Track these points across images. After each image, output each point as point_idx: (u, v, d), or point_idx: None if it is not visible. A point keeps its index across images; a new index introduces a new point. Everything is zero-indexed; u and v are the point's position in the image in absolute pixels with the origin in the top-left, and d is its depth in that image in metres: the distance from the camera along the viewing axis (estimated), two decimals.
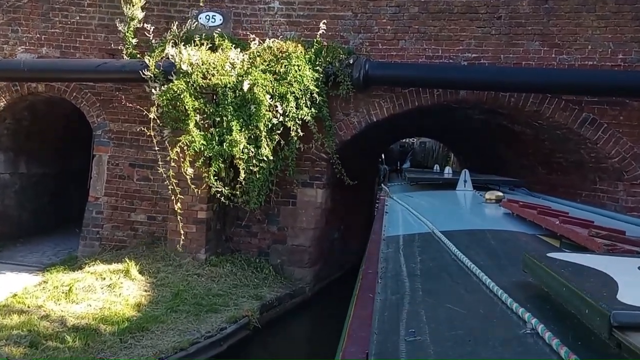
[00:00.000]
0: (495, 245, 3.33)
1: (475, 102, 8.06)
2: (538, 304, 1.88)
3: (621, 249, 2.77)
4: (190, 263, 7.49)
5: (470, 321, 1.91)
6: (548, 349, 1.49)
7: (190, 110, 7.32)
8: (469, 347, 1.67)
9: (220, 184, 7.44)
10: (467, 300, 2.16)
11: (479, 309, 2.02)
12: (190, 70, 7.43)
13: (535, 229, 3.74)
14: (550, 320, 1.66)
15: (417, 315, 2.03)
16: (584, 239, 2.99)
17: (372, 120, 8.18)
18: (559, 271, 1.86)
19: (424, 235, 3.73)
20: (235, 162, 7.41)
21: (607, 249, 2.73)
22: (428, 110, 8.77)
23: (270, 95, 7.44)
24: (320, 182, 8.34)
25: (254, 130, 7.39)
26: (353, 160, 9.97)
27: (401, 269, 2.85)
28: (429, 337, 1.76)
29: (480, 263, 2.57)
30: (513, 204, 4.61)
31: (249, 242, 8.37)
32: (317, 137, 7.81)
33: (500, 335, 1.71)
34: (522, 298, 1.95)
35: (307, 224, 8.27)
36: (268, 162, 7.56)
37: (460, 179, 6.96)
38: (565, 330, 1.59)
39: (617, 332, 1.35)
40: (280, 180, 8.17)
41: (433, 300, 2.24)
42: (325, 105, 7.87)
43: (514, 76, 7.55)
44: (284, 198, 8.31)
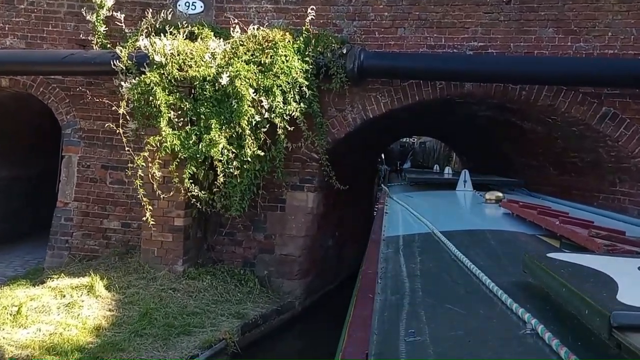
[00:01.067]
0: (495, 245, 3.32)
1: (482, 96, 7.28)
2: (538, 304, 1.88)
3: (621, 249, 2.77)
4: (166, 276, 6.72)
5: (470, 321, 1.91)
6: (548, 349, 1.48)
7: (163, 106, 6.55)
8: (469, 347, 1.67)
9: (197, 188, 6.67)
10: (467, 301, 2.16)
11: (479, 309, 2.02)
12: (164, 62, 6.66)
13: (535, 229, 3.73)
14: (550, 321, 1.66)
15: (417, 315, 2.02)
16: (584, 239, 2.99)
17: (368, 116, 7.41)
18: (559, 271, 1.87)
19: (423, 236, 3.72)
20: (215, 164, 6.64)
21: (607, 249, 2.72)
22: (429, 106, 8.01)
23: (254, 89, 6.67)
24: (311, 184, 7.56)
25: (236, 129, 6.62)
26: (348, 160, 9.21)
27: (401, 269, 2.84)
28: (429, 337, 1.75)
29: (480, 263, 2.56)
30: (513, 204, 4.61)
31: (233, 251, 7.60)
32: (307, 136, 7.04)
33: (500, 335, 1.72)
34: (522, 298, 1.95)
35: (296, 232, 7.50)
36: (252, 163, 6.81)
37: (460, 179, 7.08)
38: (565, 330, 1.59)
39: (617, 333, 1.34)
40: (267, 184, 7.42)
41: (433, 300, 2.22)
42: (316, 100, 7.10)
43: (525, 66, 6.77)
44: (271, 203, 7.54)
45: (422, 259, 3.12)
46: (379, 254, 3.36)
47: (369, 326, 2.00)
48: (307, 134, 7.01)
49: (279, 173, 7.10)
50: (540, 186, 9.44)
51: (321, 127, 7.22)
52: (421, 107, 8.29)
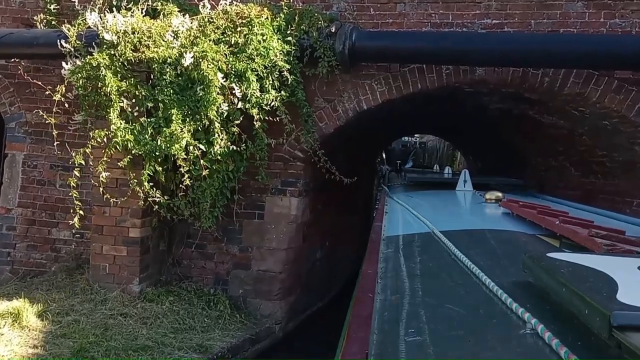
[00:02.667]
0: (495, 245, 3.33)
1: (496, 83, 6.15)
2: (538, 304, 1.88)
3: (621, 249, 2.78)
4: (118, 298, 5.60)
5: (470, 321, 1.91)
6: (548, 349, 1.48)
7: (114, 94, 5.43)
8: (469, 347, 1.67)
9: (158, 192, 5.55)
10: (467, 300, 2.15)
11: (479, 309, 2.01)
12: (115, 41, 5.53)
13: (535, 229, 3.73)
14: (550, 321, 1.66)
15: (417, 315, 2.01)
16: (584, 239, 3.00)
17: (362, 107, 6.28)
18: (559, 271, 1.88)
19: (423, 235, 3.71)
20: (178, 163, 5.52)
21: (607, 249, 2.73)
22: (433, 97, 6.89)
23: (224, 74, 5.55)
24: (295, 188, 6.43)
25: (203, 121, 5.50)
26: (340, 159, 8.07)
27: (401, 269, 2.85)
28: (429, 337, 1.75)
29: (480, 263, 2.55)
30: (513, 204, 4.60)
31: (203, 266, 6.47)
32: (289, 129, 5.91)
33: (500, 335, 1.71)
34: (522, 298, 1.94)
35: (277, 243, 6.37)
36: (224, 162, 5.68)
37: (460, 179, 7.07)
38: (565, 330, 1.59)
39: (617, 333, 1.34)
40: (243, 187, 6.30)
41: (433, 300, 2.22)
42: (300, 87, 5.97)
43: (549, 47, 5.62)
44: (247, 209, 6.41)
45: (422, 258, 3.10)
46: (379, 254, 3.35)
47: (369, 326, 2.00)
48: (288, 128, 5.87)
49: (261, 174, 5.97)
50: (559, 189, 8.32)
51: (307, 119, 6.09)
52: (424, 99, 7.18)
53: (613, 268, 1.87)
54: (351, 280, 9.46)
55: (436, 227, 3.72)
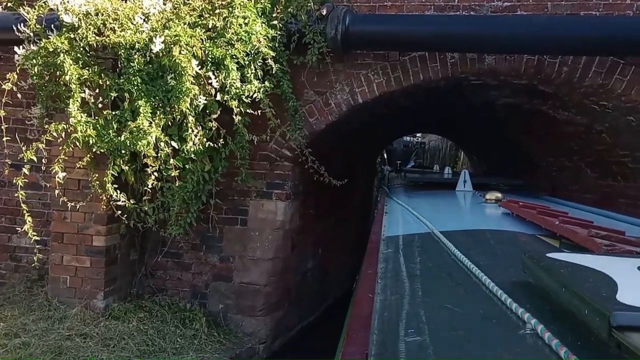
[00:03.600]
0: (494, 245, 3.33)
1: (507, 74, 5.47)
2: (538, 304, 1.88)
3: (621, 249, 2.77)
4: (79, 315, 4.95)
5: (470, 321, 1.91)
6: (548, 349, 1.49)
7: (75, 83, 4.77)
8: (469, 347, 1.67)
9: (122, 195, 4.89)
10: (467, 301, 2.15)
11: (478, 309, 2.01)
12: (77, 23, 4.87)
13: (535, 229, 3.73)
14: (550, 321, 1.66)
15: (416, 315, 2.01)
16: (584, 239, 2.99)
17: (356, 101, 5.62)
18: (559, 271, 1.90)
19: (423, 236, 3.71)
20: (144, 162, 4.86)
21: (606, 249, 2.72)
22: (436, 90, 6.23)
23: (200, 62, 4.89)
24: (281, 190, 5.76)
25: (174, 114, 4.83)
26: (334, 159, 7.41)
27: (401, 269, 2.83)
28: (429, 337, 1.75)
29: (480, 263, 2.54)
30: (512, 204, 4.60)
31: (179, 277, 5.80)
32: (274, 125, 5.25)
33: (500, 335, 1.71)
34: (522, 298, 1.94)
35: (262, 253, 5.69)
36: (200, 162, 5.02)
37: (460, 179, 7.10)
38: (565, 330, 1.59)
39: (617, 333, 1.34)
40: (223, 189, 5.63)
41: (433, 300, 2.21)
42: (287, 77, 5.31)
43: (568, 31, 4.95)
44: (229, 215, 5.74)
45: (422, 258, 3.10)
46: (379, 254, 3.33)
47: (368, 326, 1.99)
48: (273, 123, 5.20)
49: (242, 175, 5.30)
50: (574, 192, 7.66)
51: (294, 114, 5.42)
52: (426, 93, 6.52)
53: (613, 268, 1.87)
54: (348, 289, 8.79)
55: (436, 227, 3.73)
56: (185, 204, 5.01)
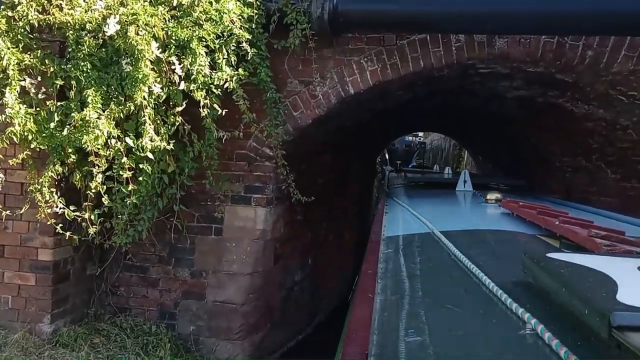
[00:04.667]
0: (495, 245, 3.33)
1: (522, 59, 4.73)
2: (538, 304, 1.88)
3: (621, 249, 2.77)
4: (21, 342, 4.22)
5: (470, 321, 1.91)
6: (548, 349, 1.50)
7: (13, 69, 4.05)
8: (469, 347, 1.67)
9: (60, 201, 4.16)
10: (467, 300, 2.16)
11: (479, 309, 2.02)
12: (17, 0, 4.15)
13: (535, 229, 3.74)
14: (550, 321, 1.66)
15: (416, 315, 2.00)
16: (584, 239, 2.99)
17: (348, 92, 4.88)
18: (559, 271, 1.90)
19: (423, 236, 3.71)
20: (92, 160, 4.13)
21: (606, 249, 2.71)
22: (439, 80, 5.51)
23: (162, 45, 4.16)
24: (262, 195, 5.03)
25: (128, 105, 4.10)
26: (323, 159, 6.70)
27: (401, 269, 2.82)
28: (429, 337, 1.75)
29: (480, 263, 2.54)
30: (513, 204, 4.62)
31: (145, 295, 5.07)
32: (248, 119, 4.51)
33: (500, 335, 1.72)
34: (522, 298, 1.94)
35: (239, 267, 4.95)
36: (159, 162, 4.29)
37: (460, 179, 7.11)
38: (565, 330, 1.59)
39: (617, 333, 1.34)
40: (195, 193, 4.92)
41: (433, 300, 2.21)
42: (265, 64, 4.58)
43: (596, 5, 4.20)
44: (201, 223, 5.01)
45: (422, 259, 3.08)
46: (378, 254, 3.34)
47: (368, 326, 1.99)
48: (248, 117, 4.47)
49: (210, 178, 4.57)
50: (591, 195, 6.90)
51: (274, 106, 4.68)
52: (427, 85, 5.81)
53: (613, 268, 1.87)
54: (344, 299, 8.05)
55: (436, 228, 3.71)
56: (135, 210, 4.27)
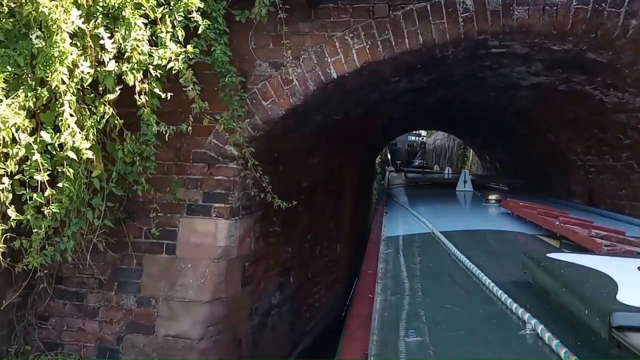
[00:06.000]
0: (495, 245, 3.37)
1: (546, 32, 3.78)
2: (538, 304, 1.90)
3: (621, 249, 2.80)
4: None
5: (470, 321, 1.92)
6: (548, 349, 1.51)
7: None
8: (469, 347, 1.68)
9: None
10: (467, 301, 2.17)
11: (479, 309, 2.03)
12: None
13: (535, 229, 3.75)
14: (550, 321, 1.67)
15: (416, 315, 2.01)
16: (584, 239, 3.00)
17: (330, 76, 3.95)
18: (559, 271, 1.93)
19: (423, 236, 3.72)
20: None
21: (606, 249, 2.74)
22: (441, 63, 4.59)
23: (86, 13, 3.23)
24: (225, 204, 4.08)
25: (41, 92, 3.17)
26: (306, 158, 5.76)
27: (401, 270, 2.82)
28: (429, 337, 1.76)
29: (480, 263, 2.55)
30: (513, 204, 4.65)
31: (81, 327, 4.12)
32: (198, 109, 3.57)
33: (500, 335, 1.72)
34: (522, 298, 1.95)
35: (196, 293, 4.01)
36: (84, 162, 3.35)
37: (460, 179, 7.16)
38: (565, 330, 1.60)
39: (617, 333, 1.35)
40: (142, 202, 3.98)
41: (433, 300, 2.22)
42: (223, 40, 3.65)
43: None
44: (149, 238, 4.06)
45: (422, 259, 3.08)
46: (378, 254, 3.34)
47: (368, 326, 2.00)
48: (198, 107, 3.53)
49: (143, 184, 3.63)
50: (618, 199, 5.95)
51: (233, 94, 3.74)
52: (426, 69, 4.87)
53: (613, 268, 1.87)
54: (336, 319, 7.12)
55: (436, 228, 3.71)
56: (59, 224, 3.34)
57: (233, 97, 3.67)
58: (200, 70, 3.79)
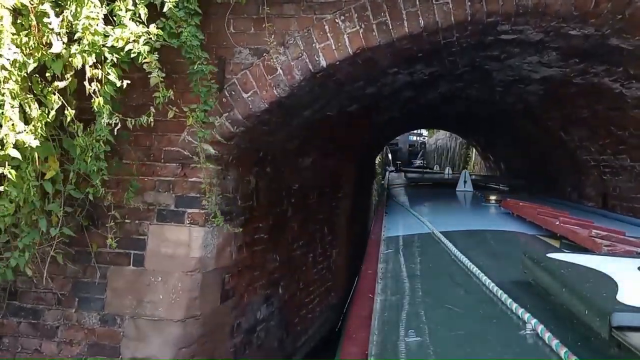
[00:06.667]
0: (495, 245, 3.36)
1: (566, 13, 3.31)
2: (538, 304, 1.90)
3: (621, 249, 2.77)
4: None
5: (470, 321, 1.92)
6: (548, 349, 1.50)
7: None
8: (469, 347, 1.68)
9: None
10: (467, 301, 2.17)
11: (479, 309, 2.03)
12: None
13: (535, 229, 3.77)
14: (550, 321, 1.67)
15: (417, 315, 2.01)
16: (584, 239, 3.00)
17: (318, 64, 3.48)
18: (559, 271, 1.92)
19: (423, 236, 3.73)
20: None
21: (606, 249, 2.72)
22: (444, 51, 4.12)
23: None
24: (199, 209, 3.60)
25: None
26: (302, 160, 5.31)
27: (401, 270, 2.82)
28: (429, 337, 1.76)
29: (480, 263, 2.56)
30: (513, 204, 4.67)
31: (37, 349, 3.64)
32: (161, 99, 3.09)
33: (500, 335, 1.73)
34: (522, 298, 1.95)
35: (167, 310, 3.53)
36: (30, 161, 2.89)
37: (460, 179, 7.23)
38: (565, 330, 1.60)
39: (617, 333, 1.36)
40: (107, 206, 3.50)
41: (433, 300, 2.23)
42: (193, 22, 3.16)
43: None
44: (115, 248, 3.58)
45: (422, 259, 3.09)
46: (379, 254, 3.33)
47: (368, 326, 1.99)
48: (161, 96, 3.05)
49: (98, 187, 3.16)
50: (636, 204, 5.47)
51: (203, 83, 3.26)
52: (429, 62, 4.43)
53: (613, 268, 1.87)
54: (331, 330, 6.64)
55: (436, 228, 3.72)
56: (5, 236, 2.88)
57: (202, 86, 3.19)
58: (173, 57, 3.35)
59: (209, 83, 3.19)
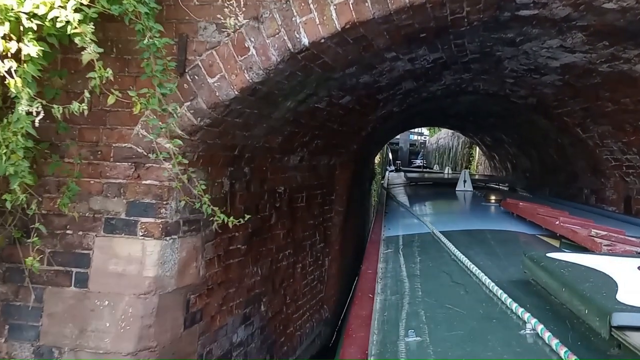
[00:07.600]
0: (495, 245, 3.35)
1: None
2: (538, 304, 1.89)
3: (621, 249, 2.80)
4: None
5: (470, 321, 1.90)
6: (548, 349, 1.50)
7: None
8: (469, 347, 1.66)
9: None
10: (467, 300, 2.15)
11: (479, 309, 2.01)
12: None
13: (535, 229, 3.78)
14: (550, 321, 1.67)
15: (416, 315, 1.99)
16: (584, 239, 3.03)
17: (299, 42, 2.87)
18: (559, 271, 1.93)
19: (423, 236, 3.73)
20: None
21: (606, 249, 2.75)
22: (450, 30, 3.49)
23: None
24: (155, 218, 2.98)
25: None
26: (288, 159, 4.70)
27: (401, 270, 2.79)
28: (429, 337, 1.74)
29: (480, 263, 2.54)
30: (513, 204, 4.70)
31: None
32: (96, 79, 2.45)
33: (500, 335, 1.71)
34: (522, 298, 1.95)
35: (115, 341, 2.90)
36: None
37: (460, 179, 7.27)
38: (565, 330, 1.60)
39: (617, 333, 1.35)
40: (45, 214, 2.88)
41: (433, 300, 2.19)
42: None
43: None
44: (53, 265, 2.97)
45: (422, 259, 3.06)
46: (379, 254, 3.33)
47: (368, 326, 2.00)
48: (98, 77, 2.42)
49: (17, 193, 2.52)
50: None
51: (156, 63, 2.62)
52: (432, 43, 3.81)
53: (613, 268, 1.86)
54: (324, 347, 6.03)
55: (436, 228, 3.73)
56: None
57: (157, 66, 2.56)
58: (124, 35, 2.75)
59: (165, 61, 2.56)
